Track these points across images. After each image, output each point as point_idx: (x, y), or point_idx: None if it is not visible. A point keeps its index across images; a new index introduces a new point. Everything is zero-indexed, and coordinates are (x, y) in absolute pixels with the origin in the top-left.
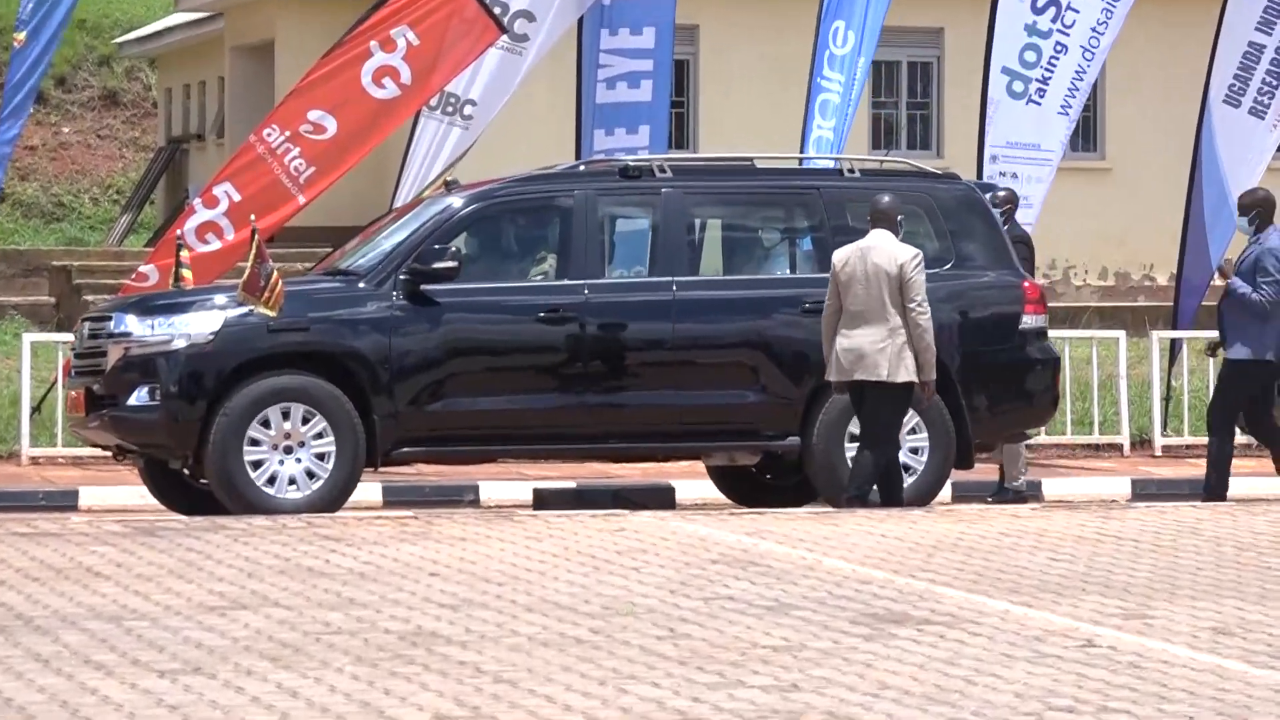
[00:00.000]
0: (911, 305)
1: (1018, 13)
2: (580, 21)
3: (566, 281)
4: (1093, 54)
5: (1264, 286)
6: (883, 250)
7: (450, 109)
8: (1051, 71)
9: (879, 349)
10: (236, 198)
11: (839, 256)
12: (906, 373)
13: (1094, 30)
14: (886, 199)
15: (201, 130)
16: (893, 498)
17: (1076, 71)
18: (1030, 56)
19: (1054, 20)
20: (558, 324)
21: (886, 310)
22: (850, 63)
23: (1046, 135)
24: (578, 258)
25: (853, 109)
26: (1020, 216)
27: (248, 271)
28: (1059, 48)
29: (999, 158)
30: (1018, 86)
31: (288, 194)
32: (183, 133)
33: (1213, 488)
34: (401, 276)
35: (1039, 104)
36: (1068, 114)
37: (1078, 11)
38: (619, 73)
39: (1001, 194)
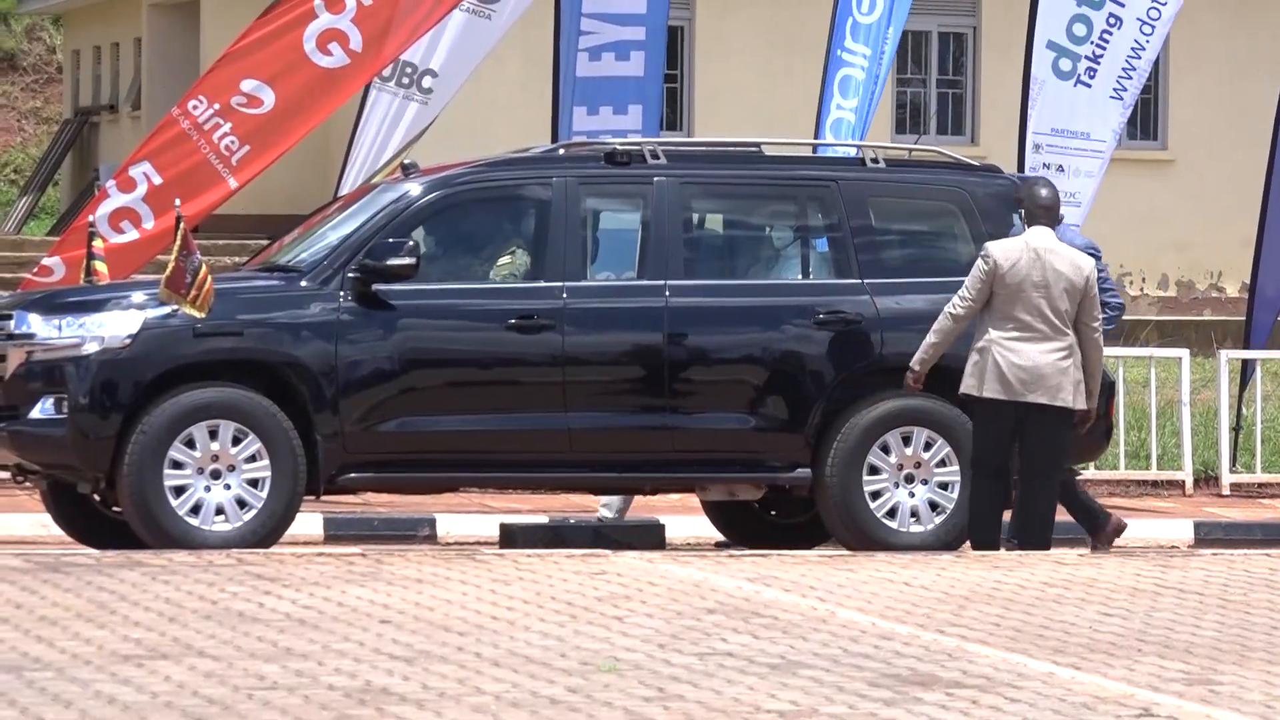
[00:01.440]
0: (1096, 324)
1: None
2: None
3: (542, 284)
4: (1152, 28)
5: (1107, 288)
6: (1064, 256)
7: (407, 80)
8: (1104, 48)
9: (1062, 370)
10: (157, 180)
11: (1003, 253)
12: (1082, 398)
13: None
14: (1046, 191)
15: (115, 100)
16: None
17: (1133, 49)
18: (1080, 30)
19: None
20: (531, 333)
21: (1065, 324)
22: (878, 33)
23: (1098, 123)
24: (555, 256)
25: (879, 87)
26: (1067, 217)
27: (171, 266)
28: (1112, 20)
29: (1043, 147)
30: (1065, 65)
31: (217, 176)
32: (92, 103)
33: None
34: (350, 275)
35: (1089, 86)
36: (1121, 99)
37: None
38: (605, 42)
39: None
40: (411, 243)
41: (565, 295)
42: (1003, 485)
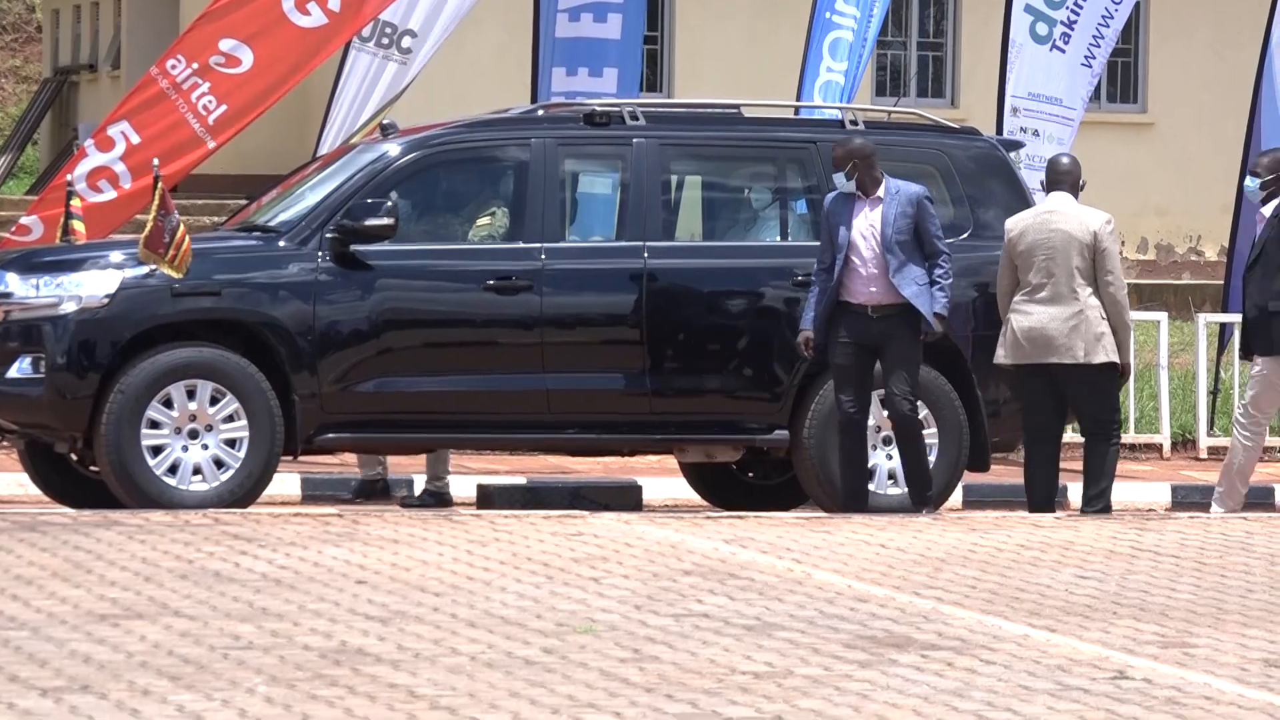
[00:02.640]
0: (1109, 278)
1: None
2: None
3: (521, 245)
4: None
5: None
6: (1069, 216)
7: (386, 40)
8: (1077, 14)
9: (1071, 328)
10: (135, 139)
11: (1015, 225)
12: (1105, 353)
13: None
14: (1066, 159)
15: (94, 60)
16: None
17: (1103, 15)
18: None
19: None
20: (509, 294)
21: (1075, 284)
22: None
23: (1069, 89)
24: (534, 217)
25: (869, 49)
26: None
27: (149, 225)
28: None
29: (1020, 110)
30: (1041, 29)
31: (195, 136)
32: (72, 62)
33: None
34: (328, 235)
35: (1063, 51)
36: (1090, 66)
37: None
38: (584, 2)
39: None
40: (390, 203)
41: (543, 256)
42: (1053, 449)
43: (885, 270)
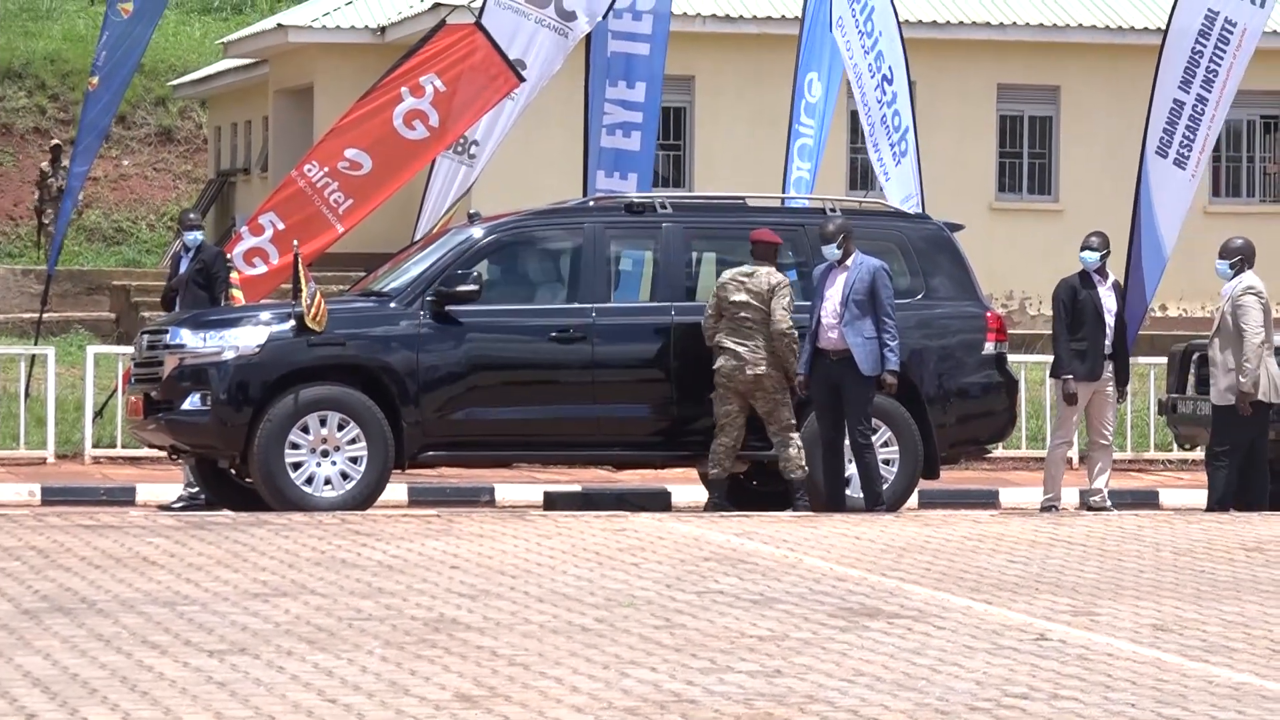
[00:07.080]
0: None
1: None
2: (588, 72)
3: (576, 305)
4: (885, 109)
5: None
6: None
7: (460, 148)
8: (900, 134)
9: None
10: (280, 226)
11: (1262, 287)
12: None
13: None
14: (1239, 241)
15: (248, 165)
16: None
17: (902, 128)
18: (897, 120)
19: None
20: (568, 343)
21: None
22: (820, 110)
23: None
24: (586, 284)
25: (821, 151)
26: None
27: (304, 295)
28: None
29: (914, 206)
30: (901, 145)
31: (327, 224)
32: (230, 167)
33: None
34: (428, 298)
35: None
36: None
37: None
38: (617, 121)
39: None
40: (476, 274)
41: (594, 314)
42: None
43: (841, 321)
